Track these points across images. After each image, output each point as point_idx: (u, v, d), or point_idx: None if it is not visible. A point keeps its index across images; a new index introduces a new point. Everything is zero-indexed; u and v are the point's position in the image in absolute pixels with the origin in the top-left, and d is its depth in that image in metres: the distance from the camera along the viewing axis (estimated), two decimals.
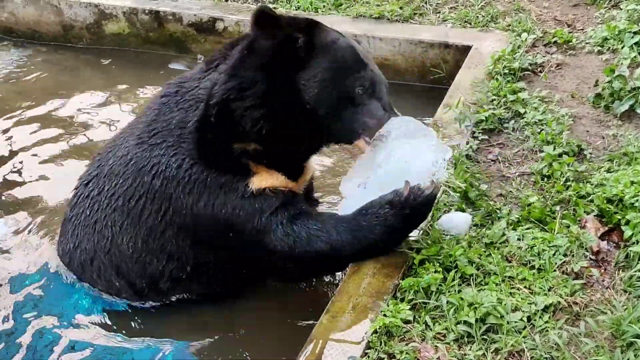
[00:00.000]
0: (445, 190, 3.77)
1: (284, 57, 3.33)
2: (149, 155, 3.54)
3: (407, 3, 5.93)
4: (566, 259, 3.27)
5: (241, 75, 3.36)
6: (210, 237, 3.57)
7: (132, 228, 3.62)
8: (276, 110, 3.37)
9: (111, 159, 3.72)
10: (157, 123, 3.57)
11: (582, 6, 5.64)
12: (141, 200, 3.57)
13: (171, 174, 3.49)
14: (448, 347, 2.92)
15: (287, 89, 3.35)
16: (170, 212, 3.54)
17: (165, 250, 3.61)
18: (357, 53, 3.46)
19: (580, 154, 3.96)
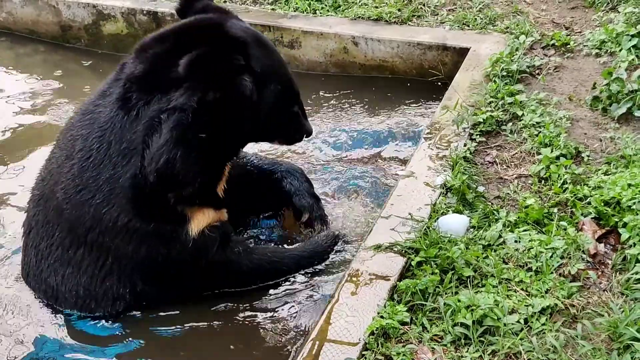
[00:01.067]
0: (443, 192, 3.78)
1: (234, 105, 3.26)
2: (80, 212, 3.47)
3: (406, 5, 5.93)
4: (563, 261, 3.27)
5: (186, 140, 3.23)
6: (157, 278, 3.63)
7: (74, 277, 3.62)
8: (219, 153, 3.46)
9: (42, 209, 3.68)
10: (81, 178, 3.44)
11: (580, 9, 5.64)
12: (79, 251, 3.56)
13: (107, 229, 3.45)
14: (445, 349, 2.92)
15: (234, 130, 3.38)
16: (110, 261, 3.55)
17: (108, 295, 3.63)
18: (287, 70, 3.62)
19: (578, 157, 3.97)
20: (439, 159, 4.04)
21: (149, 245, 3.49)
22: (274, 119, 3.53)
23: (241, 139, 3.58)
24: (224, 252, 3.67)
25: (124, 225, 3.43)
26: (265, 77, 3.38)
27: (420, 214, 3.63)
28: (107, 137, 3.40)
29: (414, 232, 3.51)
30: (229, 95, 3.20)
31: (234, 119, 3.32)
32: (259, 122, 3.45)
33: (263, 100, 3.38)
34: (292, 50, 5.89)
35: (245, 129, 3.42)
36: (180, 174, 3.28)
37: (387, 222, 3.61)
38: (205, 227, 3.55)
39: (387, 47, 5.60)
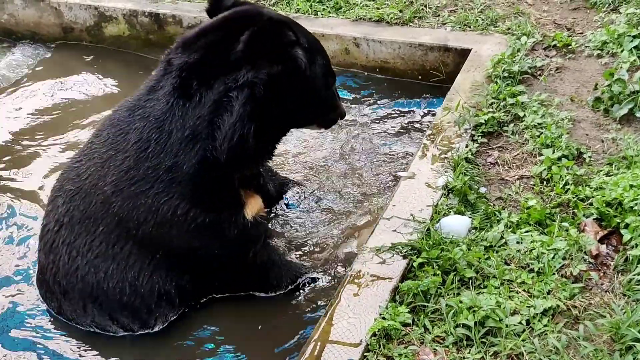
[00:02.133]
0: (444, 193, 3.78)
1: (292, 79, 3.38)
2: (133, 204, 3.42)
3: (407, 6, 5.93)
4: (565, 262, 3.27)
5: (258, 114, 3.33)
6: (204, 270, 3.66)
7: (119, 273, 3.54)
8: (279, 130, 3.58)
9: (79, 204, 3.57)
10: (138, 170, 3.40)
11: (582, 10, 5.64)
12: (127, 246, 3.51)
13: (163, 219, 3.42)
14: (447, 350, 2.93)
15: (294, 104, 3.48)
16: (159, 255, 3.53)
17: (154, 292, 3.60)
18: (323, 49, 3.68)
19: (580, 158, 3.97)
20: (441, 160, 4.04)
21: (205, 234, 3.49)
22: (320, 94, 3.64)
23: (296, 117, 3.63)
24: (265, 249, 3.79)
25: (183, 214, 3.42)
26: (313, 52, 3.50)
27: (422, 215, 3.63)
28: (166, 127, 3.37)
29: (415, 233, 3.51)
30: (288, 68, 3.33)
31: (293, 93, 3.44)
32: (311, 97, 3.56)
33: (313, 74, 3.49)
34: None
35: (300, 104, 3.51)
36: (252, 149, 3.38)
37: (388, 223, 3.62)
38: (257, 213, 3.64)
39: (388, 48, 5.60)
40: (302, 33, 3.51)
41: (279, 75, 3.31)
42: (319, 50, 3.61)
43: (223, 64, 3.32)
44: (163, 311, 3.65)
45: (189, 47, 3.46)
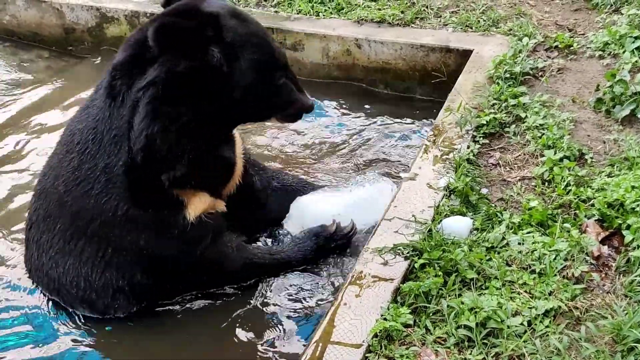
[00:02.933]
0: (446, 194, 3.78)
1: (206, 76, 3.24)
2: (81, 204, 3.52)
3: (409, 7, 5.93)
4: (567, 263, 3.27)
5: (162, 113, 3.27)
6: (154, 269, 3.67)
7: (74, 269, 3.65)
8: (202, 129, 3.39)
9: (43, 203, 3.75)
10: (80, 170, 3.50)
11: (584, 11, 5.64)
12: (80, 242, 3.60)
13: (107, 219, 3.50)
14: (448, 351, 2.92)
15: (212, 104, 3.34)
16: (110, 252, 3.59)
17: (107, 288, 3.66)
18: (267, 40, 3.46)
19: (581, 159, 3.96)
20: (442, 161, 4.04)
21: (147, 234, 3.53)
22: (255, 91, 3.41)
23: (226, 115, 3.46)
24: (215, 245, 3.71)
25: (123, 214, 3.47)
26: (238, 47, 3.30)
27: (424, 216, 3.63)
28: (99, 127, 3.44)
29: (417, 234, 3.51)
30: (198, 66, 3.19)
31: (209, 91, 3.29)
32: (238, 95, 3.36)
33: (237, 71, 3.30)
34: (295, 53, 5.90)
35: (224, 102, 3.36)
36: (162, 150, 3.31)
37: (390, 224, 3.61)
38: (202, 212, 3.59)
39: (390, 49, 5.60)
40: (235, 25, 3.31)
41: (187, 73, 3.19)
42: (253, 44, 3.37)
43: (142, 62, 3.29)
44: (120, 305, 3.71)
45: (124, 45, 3.47)
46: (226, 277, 3.87)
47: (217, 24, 3.25)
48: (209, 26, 3.21)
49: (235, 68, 3.29)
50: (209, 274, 3.80)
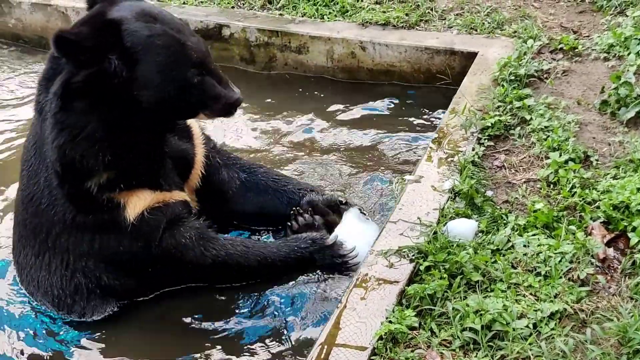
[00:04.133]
0: (451, 197, 3.77)
1: (105, 83, 3.20)
2: (37, 219, 3.64)
3: (413, 9, 5.93)
4: (572, 265, 3.27)
5: (67, 125, 3.29)
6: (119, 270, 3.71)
7: (46, 280, 3.76)
8: (114, 134, 3.35)
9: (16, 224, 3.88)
10: (30, 187, 3.62)
11: (588, 13, 5.63)
12: (47, 255, 3.70)
13: (60, 230, 3.59)
14: (454, 353, 2.92)
15: (120, 109, 3.31)
16: (72, 260, 3.66)
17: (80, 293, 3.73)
18: (175, 38, 3.33)
19: (587, 161, 3.96)
20: (447, 164, 4.03)
21: (99, 238, 3.59)
22: (163, 93, 3.32)
23: (139, 119, 3.38)
24: (173, 237, 3.66)
25: (71, 222, 3.55)
26: (139, 51, 3.23)
27: (429, 219, 3.62)
28: (37, 143, 3.55)
29: (422, 236, 3.50)
30: (96, 74, 3.16)
31: (112, 98, 3.25)
32: (145, 98, 3.29)
33: (139, 76, 3.24)
34: (299, 56, 5.91)
35: (132, 107, 3.30)
36: (75, 160, 3.34)
37: (395, 227, 3.61)
38: (145, 209, 3.57)
39: (394, 52, 5.60)
40: (138, 28, 3.24)
41: (85, 83, 3.18)
42: (158, 45, 3.27)
43: (57, 74, 3.31)
44: (97, 307, 3.76)
45: (47, 58, 3.49)
46: (195, 271, 3.78)
47: (117, 29, 3.21)
48: (108, 33, 3.18)
49: (136, 73, 3.24)
50: (173, 267, 3.74)
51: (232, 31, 6.07)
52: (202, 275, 3.82)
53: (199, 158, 3.97)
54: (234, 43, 6.10)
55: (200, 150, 3.98)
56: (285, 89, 5.91)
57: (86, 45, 3.12)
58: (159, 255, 3.65)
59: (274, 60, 6.04)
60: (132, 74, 3.23)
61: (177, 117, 3.69)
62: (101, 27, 3.21)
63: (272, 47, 5.99)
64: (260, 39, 5.99)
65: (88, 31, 3.18)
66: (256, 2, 6.33)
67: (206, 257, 3.72)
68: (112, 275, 3.69)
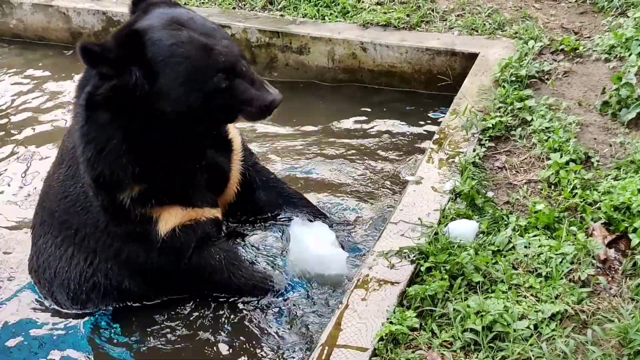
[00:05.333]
0: (452, 198, 3.77)
1: (127, 96, 3.13)
2: (67, 217, 3.69)
3: (414, 10, 5.93)
4: (573, 266, 3.27)
5: (93, 138, 3.27)
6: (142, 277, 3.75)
7: (65, 272, 3.79)
8: (140, 147, 3.30)
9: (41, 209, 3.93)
10: (66, 186, 3.68)
11: (589, 14, 5.63)
12: (70, 249, 3.74)
13: (91, 233, 3.63)
14: (455, 354, 2.92)
15: (144, 122, 3.24)
16: (97, 261, 3.69)
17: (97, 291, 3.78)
18: (201, 44, 3.23)
19: (588, 162, 3.96)
20: (448, 165, 4.03)
21: (128, 247, 3.62)
22: (188, 102, 3.22)
23: (167, 130, 3.30)
24: (203, 257, 3.69)
25: (103, 229, 3.59)
26: (160, 62, 3.14)
27: (430, 219, 3.63)
28: (74, 147, 3.53)
29: (423, 237, 3.51)
30: (119, 86, 3.10)
31: (136, 110, 3.18)
32: (169, 108, 3.21)
33: (162, 86, 3.16)
34: (300, 56, 5.91)
35: (158, 118, 3.22)
36: (104, 173, 3.33)
37: (396, 228, 3.61)
38: (177, 226, 3.58)
39: (395, 53, 5.60)
40: (162, 37, 3.16)
41: (108, 96, 3.13)
42: (180, 55, 3.17)
43: (89, 80, 3.27)
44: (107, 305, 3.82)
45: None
46: (218, 290, 3.85)
47: (140, 40, 3.14)
48: (130, 44, 3.13)
49: (157, 85, 3.16)
50: (197, 283, 3.80)
51: (233, 32, 6.06)
52: (218, 289, 3.87)
53: (235, 174, 3.94)
54: (235, 43, 6.08)
55: (236, 166, 3.95)
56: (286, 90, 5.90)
57: (109, 57, 3.07)
58: (186, 272, 3.69)
59: (275, 61, 6.04)
60: (153, 87, 3.15)
61: (208, 126, 3.52)
62: (125, 38, 3.16)
63: (273, 48, 5.99)
64: (262, 39, 5.99)
65: (112, 42, 3.14)
66: (257, 2, 6.33)
67: (232, 282, 3.78)
68: (133, 282, 3.73)
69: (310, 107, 5.66)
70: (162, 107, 3.19)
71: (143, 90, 3.12)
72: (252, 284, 3.82)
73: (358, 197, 4.52)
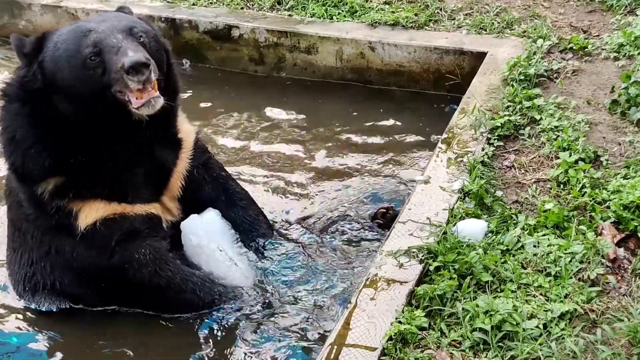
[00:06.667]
0: (460, 197, 3.77)
1: (30, 87, 3.39)
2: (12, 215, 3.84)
3: (422, 10, 5.92)
4: (582, 265, 3.26)
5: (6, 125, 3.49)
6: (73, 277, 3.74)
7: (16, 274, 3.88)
8: (48, 138, 3.43)
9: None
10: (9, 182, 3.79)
11: (598, 12, 5.62)
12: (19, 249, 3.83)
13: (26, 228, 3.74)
14: (464, 354, 2.92)
15: (48, 113, 3.41)
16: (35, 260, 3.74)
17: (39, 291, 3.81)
18: (83, 29, 3.38)
19: (597, 161, 3.95)
20: (457, 164, 4.03)
21: (55, 241, 3.63)
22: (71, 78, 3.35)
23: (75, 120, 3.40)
24: (127, 250, 3.61)
25: (33, 221, 3.65)
26: (50, 54, 3.36)
27: (438, 219, 3.62)
28: None
29: (431, 236, 3.50)
30: (22, 78, 3.40)
31: (39, 101, 3.39)
32: (62, 91, 3.37)
33: (51, 72, 3.36)
34: (309, 56, 5.91)
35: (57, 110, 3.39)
36: (17, 164, 3.47)
37: (404, 227, 3.61)
38: (98, 220, 3.55)
39: (404, 52, 5.60)
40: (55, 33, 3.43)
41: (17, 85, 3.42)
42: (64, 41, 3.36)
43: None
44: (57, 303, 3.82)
45: None
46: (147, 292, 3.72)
47: (43, 39, 3.41)
48: (36, 42, 3.41)
49: (47, 73, 3.37)
50: (124, 284, 3.68)
51: (242, 32, 6.07)
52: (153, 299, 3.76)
53: (179, 170, 3.88)
54: (243, 44, 6.10)
55: (183, 163, 3.90)
56: (294, 89, 5.92)
57: (23, 51, 3.40)
58: (110, 268, 3.62)
59: (283, 61, 6.04)
60: (45, 77, 3.37)
61: (99, 110, 3.42)
62: (35, 38, 3.44)
63: (282, 48, 6.00)
64: (270, 39, 5.99)
65: (32, 39, 3.42)
66: (265, 3, 6.34)
67: (160, 278, 3.66)
68: (66, 280, 3.73)
69: (317, 106, 5.66)
70: (57, 98, 3.38)
71: (39, 82, 3.36)
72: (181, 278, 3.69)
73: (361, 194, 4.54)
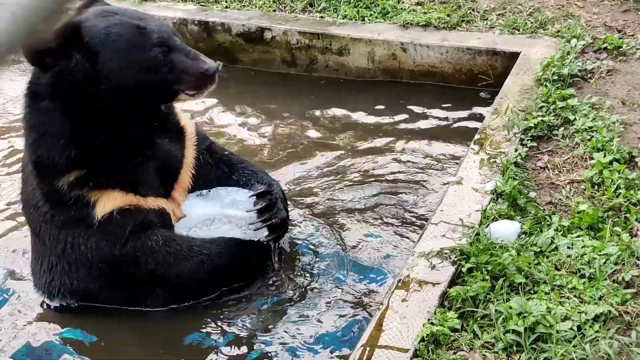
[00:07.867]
0: (493, 198, 3.76)
1: (70, 80, 3.34)
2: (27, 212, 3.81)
3: (455, 10, 5.91)
4: (617, 267, 3.23)
5: (35, 123, 3.46)
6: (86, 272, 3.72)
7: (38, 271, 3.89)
8: (79, 131, 3.43)
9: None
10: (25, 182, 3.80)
11: (633, 11, 5.56)
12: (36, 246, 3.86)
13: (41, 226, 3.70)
14: (497, 356, 2.91)
15: (86, 104, 3.39)
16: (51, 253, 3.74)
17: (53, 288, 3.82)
18: (133, 24, 3.40)
19: (632, 161, 3.91)
20: (490, 165, 4.02)
21: (70, 235, 3.63)
22: (128, 77, 3.38)
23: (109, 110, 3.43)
24: (139, 239, 3.63)
25: (50, 220, 3.64)
26: (98, 42, 3.33)
27: (471, 220, 3.61)
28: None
29: (464, 238, 3.50)
30: (61, 72, 3.33)
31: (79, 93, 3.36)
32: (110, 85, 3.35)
33: (103, 63, 3.33)
34: (340, 57, 5.93)
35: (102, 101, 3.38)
36: (42, 157, 3.47)
37: (436, 229, 3.61)
38: (115, 209, 3.58)
39: (436, 53, 5.59)
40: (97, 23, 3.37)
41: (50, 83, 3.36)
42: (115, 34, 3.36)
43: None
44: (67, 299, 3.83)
45: None
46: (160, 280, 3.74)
47: (76, 28, 3.33)
48: (68, 32, 3.30)
49: (98, 63, 3.33)
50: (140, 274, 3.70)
51: (274, 34, 6.11)
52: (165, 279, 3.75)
53: (189, 160, 3.93)
54: (276, 46, 6.13)
55: (190, 151, 3.95)
56: (326, 91, 5.94)
57: (50, 47, 3.28)
58: (123, 256, 3.63)
59: (315, 63, 6.07)
60: (95, 67, 3.33)
61: (152, 101, 3.58)
62: (63, 29, 3.34)
63: (314, 50, 6.02)
64: (302, 41, 6.02)
65: (51, 36, 3.32)
66: (297, 5, 6.37)
67: (169, 255, 3.67)
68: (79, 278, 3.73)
69: (349, 106, 5.67)
70: (105, 86, 3.35)
71: (85, 71, 3.31)
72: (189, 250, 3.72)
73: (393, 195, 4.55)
